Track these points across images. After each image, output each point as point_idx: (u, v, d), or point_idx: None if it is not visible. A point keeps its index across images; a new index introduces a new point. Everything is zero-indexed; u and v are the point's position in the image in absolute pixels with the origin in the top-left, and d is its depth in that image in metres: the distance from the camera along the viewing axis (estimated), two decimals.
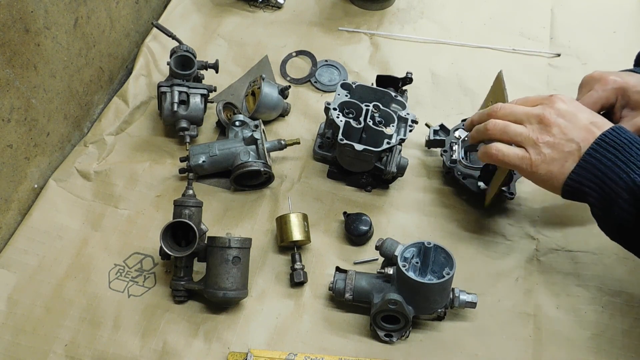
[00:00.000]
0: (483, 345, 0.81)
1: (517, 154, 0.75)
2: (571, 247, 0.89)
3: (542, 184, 0.75)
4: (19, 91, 0.87)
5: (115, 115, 1.07)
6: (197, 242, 0.80)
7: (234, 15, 1.23)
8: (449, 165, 0.93)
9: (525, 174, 0.75)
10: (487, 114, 0.80)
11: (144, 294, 0.86)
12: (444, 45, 1.18)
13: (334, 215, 0.94)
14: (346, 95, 0.93)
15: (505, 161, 0.76)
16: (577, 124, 0.72)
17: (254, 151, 0.94)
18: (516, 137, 0.75)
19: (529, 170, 0.74)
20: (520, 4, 1.24)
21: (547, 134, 0.73)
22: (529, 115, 0.75)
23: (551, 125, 0.73)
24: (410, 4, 1.25)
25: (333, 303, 0.85)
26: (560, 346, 0.80)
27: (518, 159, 0.74)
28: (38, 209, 0.94)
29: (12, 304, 0.85)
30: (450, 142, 0.95)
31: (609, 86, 0.82)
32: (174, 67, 0.98)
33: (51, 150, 0.99)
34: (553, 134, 0.73)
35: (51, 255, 0.90)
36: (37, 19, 0.88)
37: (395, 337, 0.80)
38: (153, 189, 0.97)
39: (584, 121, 0.72)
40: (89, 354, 0.80)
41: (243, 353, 0.79)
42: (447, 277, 0.74)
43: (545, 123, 0.73)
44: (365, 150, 0.87)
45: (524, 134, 0.74)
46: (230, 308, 0.84)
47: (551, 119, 0.73)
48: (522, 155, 0.74)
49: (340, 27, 1.21)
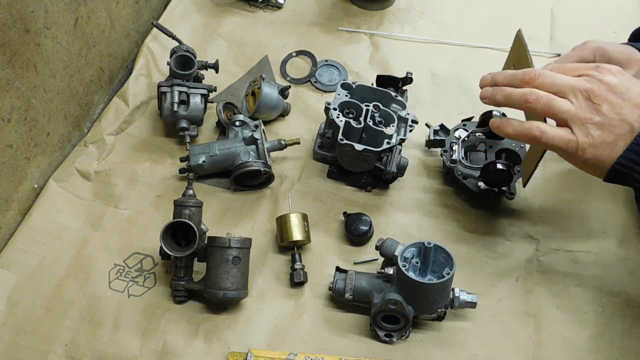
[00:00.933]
0: (483, 345, 0.81)
1: (562, 136, 0.66)
2: (571, 247, 0.89)
3: (585, 168, 0.67)
4: (19, 91, 0.87)
5: (115, 115, 1.07)
6: (197, 242, 0.80)
7: (234, 15, 1.23)
8: (449, 165, 0.93)
9: (567, 157, 0.68)
10: (521, 79, 0.69)
11: (144, 294, 0.86)
12: (444, 45, 1.18)
13: (334, 215, 0.94)
14: (346, 95, 0.93)
15: (549, 144, 0.67)
16: (631, 101, 0.64)
17: (254, 151, 0.94)
18: (562, 114, 0.66)
19: (573, 154, 0.66)
20: (520, 4, 1.24)
21: (596, 113, 0.64)
22: (575, 88, 0.66)
23: (601, 102, 0.64)
24: (410, 4, 1.25)
25: (333, 303, 0.85)
26: (560, 346, 0.80)
27: (564, 142, 0.66)
28: (38, 209, 0.94)
29: (12, 304, 0.85)
30: (450, 142, 0.95)
31: (587, 46, 0.78)
32: (174, 67, 0.98)
33: (51, 150, 0.99)
34: (603, 112, 0.64)
35: (51, 255, 0.90)
36: (37, 19, 0.88)
37: (395, 337, 0.80)
38: (153, 189, 0.97)
39: (637, 97, 0.64)
40: (89, 354, 0.80)
41: (243, 353, 0.79)
42: (447, 277, 0.74)
43: (594, 99, 0.64)
44: (365, 150, 0.87)
45: (571, 111, 0.65)
46: (230, 308, 0.84)
47: (601, 95, 0.64)
48: (569, 138, 0.65)
49: (340, 27, 1.21)
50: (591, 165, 0.66)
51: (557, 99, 0.66)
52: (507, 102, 0.70)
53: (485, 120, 0.93)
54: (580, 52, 0.79)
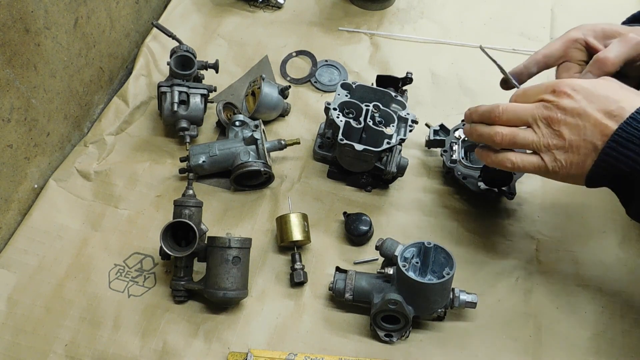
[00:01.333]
0: (483, 345, 0.81)
1: (532, 163, 0.70)
2: (571, 247, 0.89)
3: (565, 182, 0.71)
4: (19, 91, 0.87)
5: (115, 115, 1.07)
6: (197, 242, 0.80)
7: (234, 15, 1.23)
8: (449, 165, 0.93)
9: (545, 177, 0.72)
10: (489, 117, 0.74)
11: (144, 294, 0.86)
12: (444, 45, 1.18)
13: (334, 215, 0.94)
14: (346, 95, 0.93)
15: (522, 171, 0.72)
16: (589, 121, 0.65)
17: (254, 151, 0.94)
18: (528, 146, 0.70)
19: (547, 176, 0.70)
20: (520, 4, 1.24)
21: (559, 138, 0.67)
22: (535, 117, 0.69)
23: (561, 127, 0.67)
24: (410, 4, 1.25)
25: (333, 303, 0.85)
26: (560, 346, 0.80)
27: (535, 168, 0.70)
28: (38, 209, 0.94)
29: (12, 304, 0.85)
30: (450, 142, 0.95)
31: (573, 30, 0.79)
32: (174, 67, 0.98)
33: (51, 150, 0.99)
34: (564, 137, 0.67)
35: (51, 255, 0.90)
36: (37, 19, 0.88)
37: (395, 337, 0.80)
38: (153, 189, 0.97)
39: (595, 115, 0.65)
40: (89, 354, 0.80)
41: (243, 353, 0.79)
42: (447, 277, 0.74)
43: (554, 126, 0.67)
44: (365, 150, 0.87)
45: (535, 141, 0.69)
46: (230, 308, 0.84)
47: (560, 120, 0.67)
48: (539, 164, 0.69)
49: (340, 27, 1.21)
50: (568, 180, 0.70)
51: (519, 134, 0.70)
52: (481, 140, 0.75)
53: None
54: (566, 34, 0.79)
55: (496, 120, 0.72)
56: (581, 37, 0.78)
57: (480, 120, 0.76)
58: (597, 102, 0.66)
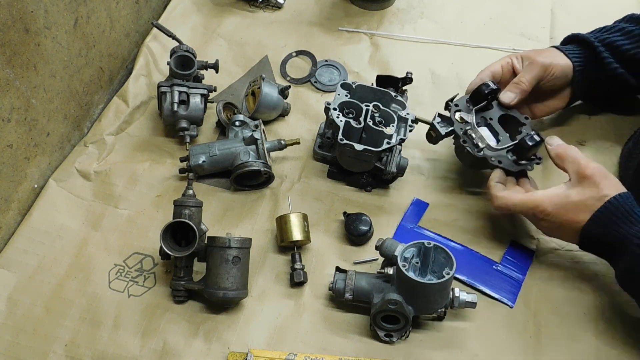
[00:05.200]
0: (483, 345, 0.81)
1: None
2: (571, 246, 0.88)
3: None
4: (19, 91, 0.87)
5: (115, 115, 1.07)
6: (197, 242, 0.80)
7: (234, 15, 1.23)
8: (481, 155, 0.87)
9: None
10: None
11: (144, 294, 0.86)
12: (444, 45, 1.18)
13: (334, 215, 0.94)
14: (346, 95, 0.93)
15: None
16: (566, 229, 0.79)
17: (254, 151, 0.94)
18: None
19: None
20: (520, 4, 1.24)
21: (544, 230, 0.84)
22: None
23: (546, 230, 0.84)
24: (410, 4, 1.25)
25: (333, 303, 0.85)
26: (560, 346, 0.80)
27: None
28: (38, 209, 0.94)
29: (12, 304, 0.85)
30: (463, 130, 0.89)
31: (505, 57, 0.95)
32: (174, 67, 0.98)
33: (51, 150, 0.99)
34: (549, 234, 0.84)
35: (51, 255, 0.90)
36: (37, 19, 0.88)
37: (395, 337, 0.80)
38: (153, 189, 0.97)
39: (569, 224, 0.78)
40: (89, 354, 0.80)
41: (243, 353, 0.79)
42: (447, 277, 0.74)
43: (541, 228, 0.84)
44: (365, 150, 0.87)
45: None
46: (230, 308, 0.84)
47: (544, 228, 0.83)
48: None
49: (340, 27, 1.21)
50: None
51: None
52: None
53: (477, 95, 0.90)
54: (499, 61, 0.94)
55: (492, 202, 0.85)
56: (509, 62, 0.94)
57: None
58: (566, 215, 0.78)
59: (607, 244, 0.75)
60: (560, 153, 0.81)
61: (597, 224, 0.75)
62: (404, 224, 0.92)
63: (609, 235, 0.74)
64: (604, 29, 0.95)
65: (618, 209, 0.74)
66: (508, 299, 0.84)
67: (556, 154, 0.82)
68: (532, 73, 0.90)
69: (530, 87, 0.90)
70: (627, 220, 0.73)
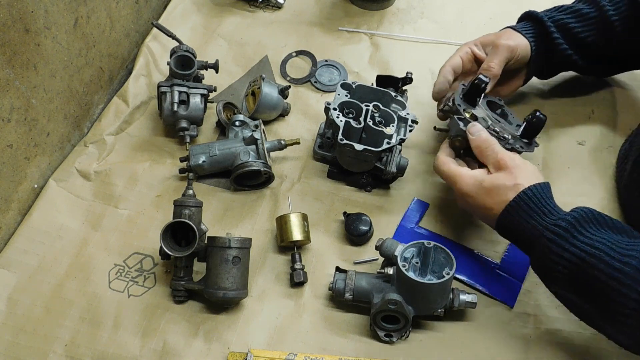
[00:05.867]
0: (483, 345, 0.81)
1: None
2: None
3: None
4: (19, 91, 0.87)
5: (115, 115, 1.07)
6: (197, 242, 0.80)
7: (234, 15, 1.23)
8: (510, 146, 0.84)
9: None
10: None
11: (144, 294, 0.86)
12: (444, 45, 1.18)
13: (334, 215, 0.94)
14: (346, 95, 0.93)
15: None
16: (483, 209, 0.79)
17: (254, 151, 0.94)
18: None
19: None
20: (520, 4, 1.23)
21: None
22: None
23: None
24: (410, 4, 1.25)
25: (333, 303, 0.85)
26: (560, 346, 0.80)
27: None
28: (38, 209, 0.94)
29: (12, 304, 0.85)
30: (487, 123, 0.86)
31: (462, 46, 0.95)
32: (174, 67, 0.98)
33: (51, 150, 0.99)
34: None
35: (51, 255, 0.90)
36: (37, 19, 0.88)
37: (395, 337, 0.80)
38: (153, 189, 0.97)
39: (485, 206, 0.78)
40: (89, 354, 0.80)
41: (243, 353, 0.79)
42: (447, 277, 0.74)
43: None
44: (365, 150, 0.87)
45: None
46: (230, 308, 0.84)
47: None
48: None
49: (340, 27, 1.21)
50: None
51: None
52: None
53: (476, 90, 0.88)
54: (458, 51, 0.95)
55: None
56: (468, 51, 0.94)
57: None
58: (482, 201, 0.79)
59: (521, 233, 0.75)
60: (480, 145, 0.81)
61: (511, 213, 0.75)
62: (404, 224, 0.92)
63: (522, 225, 0.74)
64: (561, 9, 0.96)
65: (532, 199, 0.74)
66: (508, 299, 0.84)
67: (476, 145, 0.82)
68: (501, 57, 0.90)
69: (500, 70, 0.90)
70: (539, 212, 0.73)
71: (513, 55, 0.91)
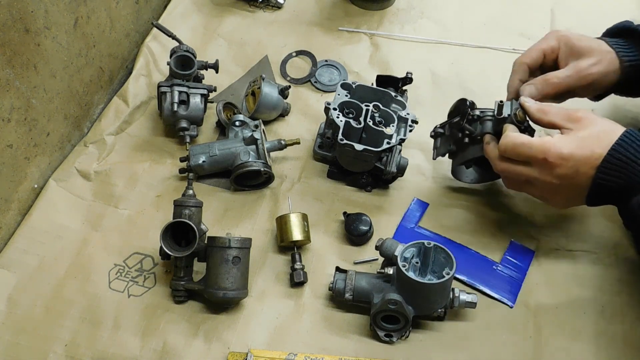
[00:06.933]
0: (483, 345, 0.81)
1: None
2: (571, 247, 0.89)
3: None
4: (19, 91, 0.87)
5: (115, 115, 1.07)
6: (197, 242, 0.80)
7: (234, 15, 1.23)
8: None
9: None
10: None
11: (144, 294, 0.86)
12: (444, 45, 1.18)
13: (334, 215, 0.94)
14: (346, 95, 0.93)
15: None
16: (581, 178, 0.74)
17: (254, 151, 0.94)
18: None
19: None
20: (520, 4, 1.24)
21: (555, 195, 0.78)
22: (530, 178, 0.78)
23: (556, 187, 0.76)
24: (410, 4, 1.25)
25: (333, 303, 0.85)
26: (560, 346, 0.80)
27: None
28: (38, 209, 0.94)
29: (12, 304, 0.85)
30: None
31: (552, 36, 0.86)
32: (174, 67, 0.98)
33: (51, 150, 0.99)
34: (559, 193, 0.77)
35: (51, 255, 0.90)
36: (37, 19, 0.88)
37: (395, 337, 0.80)
38: (153, 189, 0.97)
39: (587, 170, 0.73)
40: (89, 354, 0.80)
41: (243, 353, 0.79)
42: (447, 277, 0.74)
43: (549, 186, 0.77)
44: (365, 150, 0.87)
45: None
46: (230, 308, 0.84)
47: (556, 185, 0.76)
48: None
49: (340, 27, 1.21)
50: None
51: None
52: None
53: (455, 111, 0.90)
54: (545, 41, 0.87)
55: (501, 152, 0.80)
56: (556, 46, 0.86)
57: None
58: (582, 152, 0.73)
59: (626, 176, 0.70)
60: (543, 107, 0.78)
61: (625, 148, 0.70)
62: (404, 224, 0.92)
63: (630, 166, 0.69)
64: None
65: (638, 138, 0.70)
66: (508, 299, 0.84)
67: (538, 108, 0.78)
68: (571, 80, 0.83)
69: (558, 92, 0.83)
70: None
71: (588, 83, 0.83)
